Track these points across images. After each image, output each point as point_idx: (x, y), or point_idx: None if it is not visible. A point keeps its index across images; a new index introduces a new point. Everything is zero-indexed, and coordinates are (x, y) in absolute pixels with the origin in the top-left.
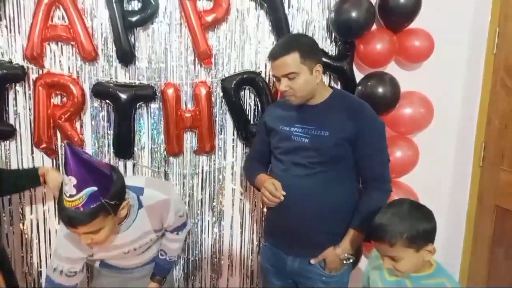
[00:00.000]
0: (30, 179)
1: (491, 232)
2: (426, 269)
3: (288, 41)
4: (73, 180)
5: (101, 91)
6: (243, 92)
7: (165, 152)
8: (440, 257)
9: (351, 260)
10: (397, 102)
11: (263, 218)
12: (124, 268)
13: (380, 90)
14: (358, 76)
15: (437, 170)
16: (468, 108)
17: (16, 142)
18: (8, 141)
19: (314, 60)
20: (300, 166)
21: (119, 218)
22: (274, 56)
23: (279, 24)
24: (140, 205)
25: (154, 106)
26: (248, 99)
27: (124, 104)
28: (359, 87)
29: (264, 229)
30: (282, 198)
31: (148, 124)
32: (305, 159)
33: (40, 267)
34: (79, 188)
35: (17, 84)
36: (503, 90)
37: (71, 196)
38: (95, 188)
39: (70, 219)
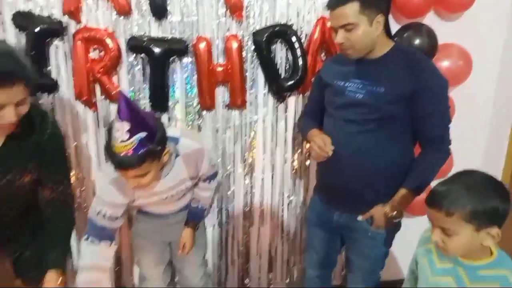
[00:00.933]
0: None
1: None
2: (485, 258)
3: None
4: (126, 126)
5: (135, 45)
6: (274, 46)
7: (198, 106)
8: None
9: (398, 220)
10: (434, 55)
11: (293, 172)
12: (160, 215)
13: (417, 41)
14: (395, 27)
15: (472, 126)
16: (508, 62)
17: (59, 95)
18: (51, 94)
19: (375, 11)
20: (352, 122)
21: (162, 163)
22: (331, 5)
23: None
24: (177, 154)
25: (186, 60)
26: (280, 52)
27: (158, 58)
28: (395, 39)
29: (316, 184)
30: (331, 153)
31: (181, 78)
32: (357, 115)
33: None
34: (131, 133)
35: (57, 39)
36: None
37: (123, 141)
38: (144, 134)
39: (122, 163)
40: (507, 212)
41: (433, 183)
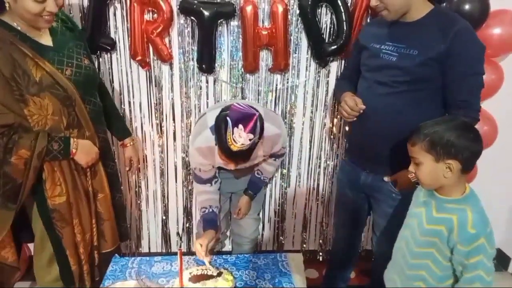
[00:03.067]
0: (118, 133)
1: None
2: (456, 194)
3: None
4: (250, 136)
5: (186, 8)
6: (319, 10)
7: (242, 68)
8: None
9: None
10: (484, 21)
11: (331, 136)
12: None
13: (467, 7)
14: None
15: None
16: None
17: (116, 55)
18: (109, 53)
19: None
20: (384, 84)
21: None
22: None
23: None
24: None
25: (233, 23)
26: (324, 17)
27: (207, 21)
28: (444, 4)
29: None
30: (362, 111)
31: (227, 41)
32: (389, 77)
33: None
34: (250, 140)
35: (116, 1)
36: None
37: (242, 145)
38: (257, 139)
39: (237, 157)
40: (468, 148)
41: None
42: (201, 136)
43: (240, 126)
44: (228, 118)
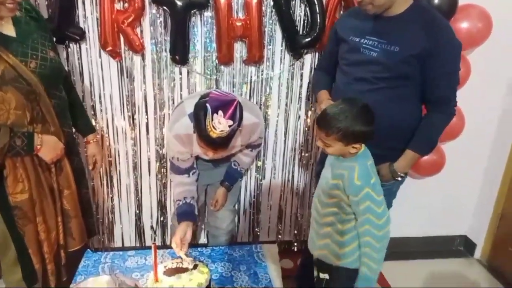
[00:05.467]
0: (81, 129)
1: None
2: (351, 154)
3: None
4: (230, 122)
5: None
6: (293, 2)
7: (216, 60)
8: (481, 176)
9: (401, 179)
10: (452, 15)
11: (306, 127)
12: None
13: (436, 1)
14: None
15: (488, 89)
16: None
17: (86, 45)
18: (79, 43)
19: None
20: (364, 80)
21: None
22: None
23: None
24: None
25: (207, 14)
26: (299, 9)
27: (179, 11)
28: None
29: None
30: None
31: (201, 32)
32: (370, 73)
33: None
34: (230, 127)
35: None
36: None
37: (221, 131)
38: (236, 126)
39: (216, 144)
40: (370, 132)
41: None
42: (179, 123)
43: (220, 112)
44: (207, 105)
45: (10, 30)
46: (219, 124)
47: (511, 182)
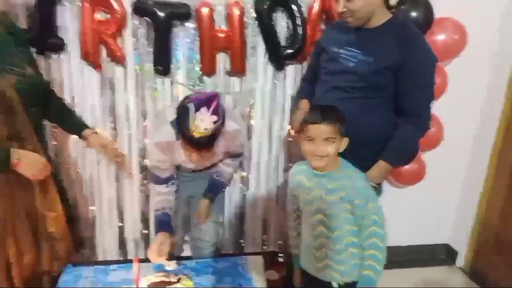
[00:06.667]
0: (74, 129)
1: None
2: (336, 166)
3: None
4: (214, 118)
5: (140, 8)
6: (275, 14)
7: (199, 71)
8: (461, 184)
9: (376, 188)
10: (429, 28)
11: (289, 138)
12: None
13: (413, 14)
14: None
15: (466, 98)
16: (504, 36)
17: (66, 55)
18: (58, 54)
19: None
20: (340, 89)
21: None
22: None
23: None
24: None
25: (190, 25)
26: (280, 21)
27: (161, 22)
28: (392, 10)
29: None
30: None
31: (184, 43)
32: (345, 82)
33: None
34: (214, 123)
35: (65, 0)
36: None
37: (206, 129)
38: (220, 123)
39: (200, 144)
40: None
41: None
42: (160, 131)
43: (203, 109)
44: (189, 105)
45: None
46: (202, 122)
47: (492, 190)
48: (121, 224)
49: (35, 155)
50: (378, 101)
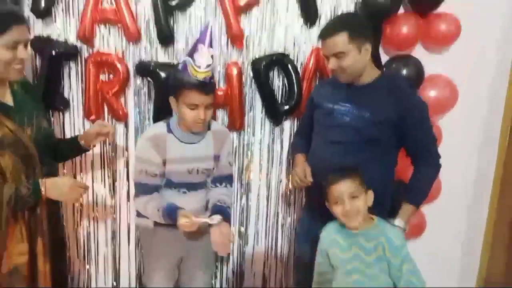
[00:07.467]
0: (71, 145)
1: None
2: (369, 224)
3: (338, 21)
4: (211, 52)
5: (143, 69)
6: (272, 73)
7: None
8: (463, 236)
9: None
10: (420, 84)
11: (288, 192)
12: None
13: (405, 72)
14: (385, 58)
15: (461, 154)
16: (495, 92)
17: (69, 114)
18: (62, 113)
19: (363, 40)
20: (338, 143)
21: (213, 106)
22: (323, 36)
23: (307, 8)
24: (209, 128)
25: None
26: (277, 79)
27: (163, 82)
28: (384, 69)
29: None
30: (310, 184)
31: None
32: (343, 137)
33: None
34: (212, 60)
35: (71, 62)
36: None
37: (207, 66)
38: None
39: (205, 87)
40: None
41: None
42: (152, 127)
43: (199, 47)
44: (184, 60)
45: (8, 100)
46: (202, 59)
47: (493, 248)
48: (115, 283)
49: (59, 179)
50: (378, 153)
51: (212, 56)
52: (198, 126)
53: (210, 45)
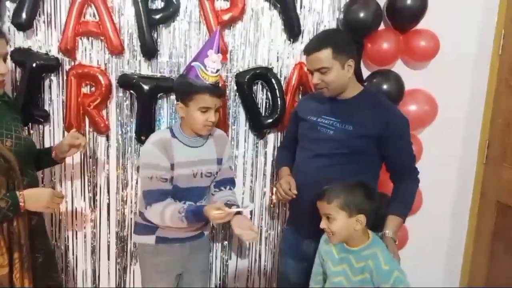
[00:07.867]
0: (45, 155)
1: (492, 228)
2: (364, 241)
3: (322, 37)
4: (220, 56)
5: (126, 82)
6: (255, 87)
7: None
8: (445, 248)
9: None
10: (400, 99)
11: (271, 205)
12: (179, 239)
13: (385, 87)
14: (366, 73)
15: (441, 167)
16: (473, 107)
17: (50, 127)
18: (42, 125)
19: (346, 56)
20: (323, 156)
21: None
22: (307, 51)
23: (291, 23)
24: (210, 134)
25: (173, 97)
26: (260, 93)
27: (146, 95)
28: (365, 84)
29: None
30: (294, 196)
31: (167, 114)
32: (327, 149)
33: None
34: (221, 65)
35: (52, 74)
36: (507, 90)
37: (218, 70)
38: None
39: (217, 90)
40: (372, 206)
41: None
42: (155, 133)
43: (208, 53)
44: (192, 65)
45: None
46: (213, 63)
47: (473, 256)
48: None
49: (37, 190)
50: (362, 165)
51: (221, 61)
52: (207, 128)
53: (218, 51)
